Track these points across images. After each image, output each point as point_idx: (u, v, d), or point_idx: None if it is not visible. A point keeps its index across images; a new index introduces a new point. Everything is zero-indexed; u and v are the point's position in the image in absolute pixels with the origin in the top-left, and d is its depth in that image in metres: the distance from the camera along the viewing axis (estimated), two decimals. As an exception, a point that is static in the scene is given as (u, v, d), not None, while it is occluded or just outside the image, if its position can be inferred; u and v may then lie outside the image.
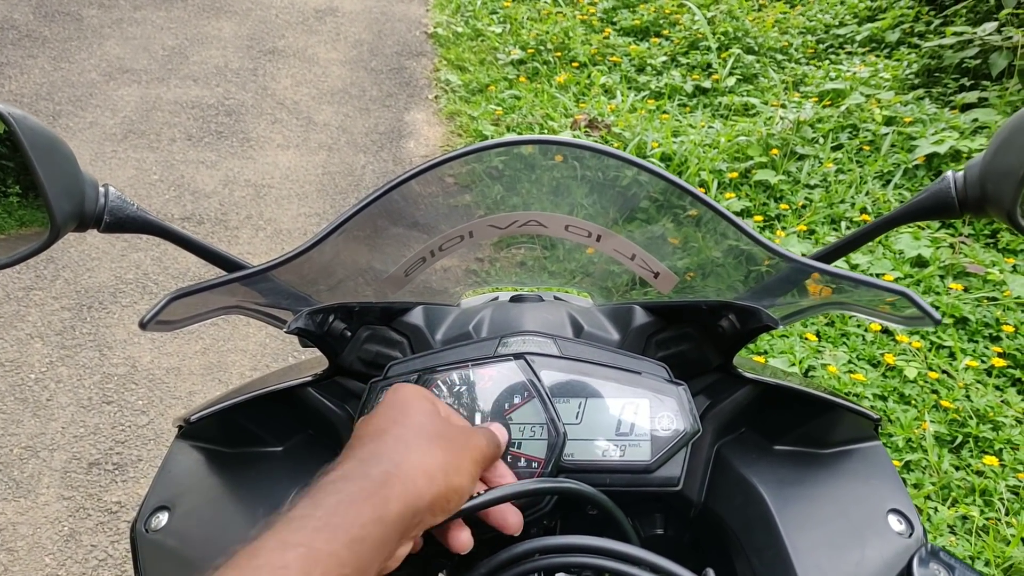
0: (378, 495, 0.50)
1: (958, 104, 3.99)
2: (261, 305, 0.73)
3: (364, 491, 0.50)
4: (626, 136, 3.92)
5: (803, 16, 5.59)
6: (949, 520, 2.10)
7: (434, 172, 0.67)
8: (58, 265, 3.09)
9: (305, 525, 0.47)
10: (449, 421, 0.62)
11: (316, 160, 3.99)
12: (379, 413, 0.60)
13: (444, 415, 0.63)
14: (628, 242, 0.76)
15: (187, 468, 0.83)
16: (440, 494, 0.54)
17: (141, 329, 0.60)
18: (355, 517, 0.48)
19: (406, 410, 0.60)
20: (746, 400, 0.80)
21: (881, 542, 0.72)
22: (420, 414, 0.60)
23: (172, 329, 0.66)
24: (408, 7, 6.04)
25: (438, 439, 0.57)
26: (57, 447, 2.40)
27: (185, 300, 0.62)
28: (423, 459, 0.55)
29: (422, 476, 0.53)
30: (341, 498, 0.49)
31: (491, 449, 0.64)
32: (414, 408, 0.60)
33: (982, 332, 2.72)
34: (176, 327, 0.65)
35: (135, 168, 3.74)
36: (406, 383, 0.67)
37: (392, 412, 0.59)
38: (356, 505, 0.49)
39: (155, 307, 0.60)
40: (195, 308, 0.66)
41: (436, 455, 0.56)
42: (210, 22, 5.32)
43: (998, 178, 0.63)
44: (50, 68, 4.51)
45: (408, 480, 0.52)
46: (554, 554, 0.63)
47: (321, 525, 0.47)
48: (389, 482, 0.51)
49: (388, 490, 0.51)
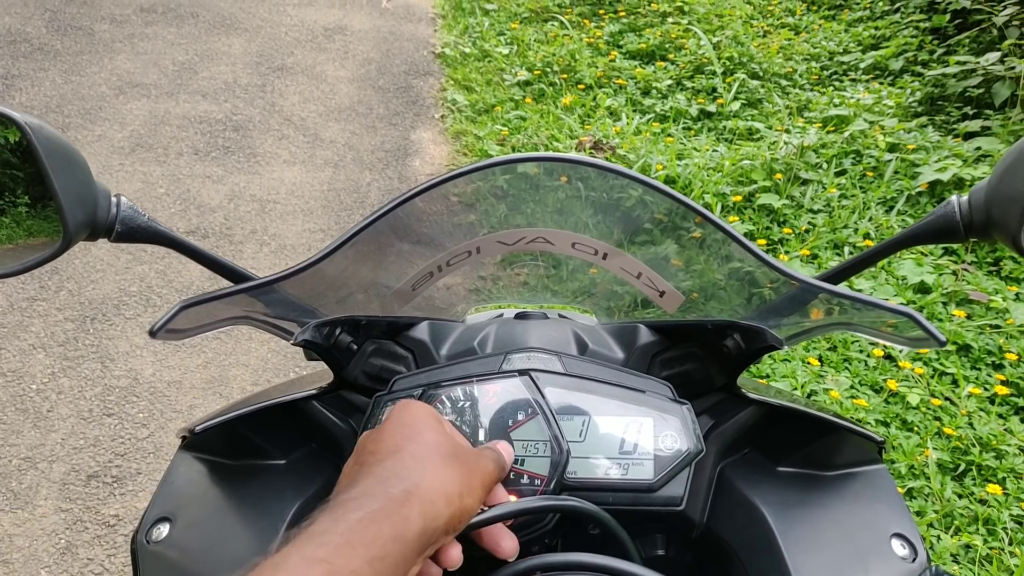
0: (398, 513, 0.51)
1: (961, 132, 4.00)
2: (268, 317, 0.73)
3: (385, 510, 0.51)
4: (631, 158, 3.94)
5: (807, 43, 5.63)
6: (952, 549, 2.09)
7: (440, 190, 0.68)
8: (62, 276, 3.10)
9: (328, 541, 0.47)
10: (459, 442, 0.63)
11: (322, 176, 4.01)
12: (389, 430, 0.60)
13: (450, 434, 0.63)
14: (634, 260, 0.76)
15: (190, 479, 0.83)
16: (455, 514, 0.55)
17: (151, 337, 0.60)
18: (376, 535, 0.49)
19: (417, 427, 0.60)
20: (750, 421, 0.80)
21: (884, 566, 0.71)
22: (432, 432, 0.60)
23: (181, 338, 0.66)
24: (416, 27, 6.10)
25: (452, 459, 0.58)
26: (56, 458, 2.39)
27: (195, 309, 0.62)
28: (440, 479, 0.55)
29: (440, 496, 0.54)
30: (362, 516, 0.50)
31: (497, 471, 0.64)
32: (424, 426, 0.60)
33: (985, 360, 2.71)
34: (185, 336, 0.66)
35: (142, 181, 3.76)
36: (412, 400, 0.67)
37: (404, 430, 0.60)
38: (377, 523, 0.50)
39: (165, 315, 0.60)
40: (204, 318, 0.66)
41: (452, 475, 0.56)
42: (220, 39, 5.37)
43: (1004, 203, 0.63)
44: (61, 81, 4.55)
45: (427, 499, 0.53)
46: (555, 571, 0.63)
47: (343, 542, 0.47)
48: (409, 501, 0.52)
49: (408, 509, 0.51)
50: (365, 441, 0.60)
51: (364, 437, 0.62)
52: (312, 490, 0.81)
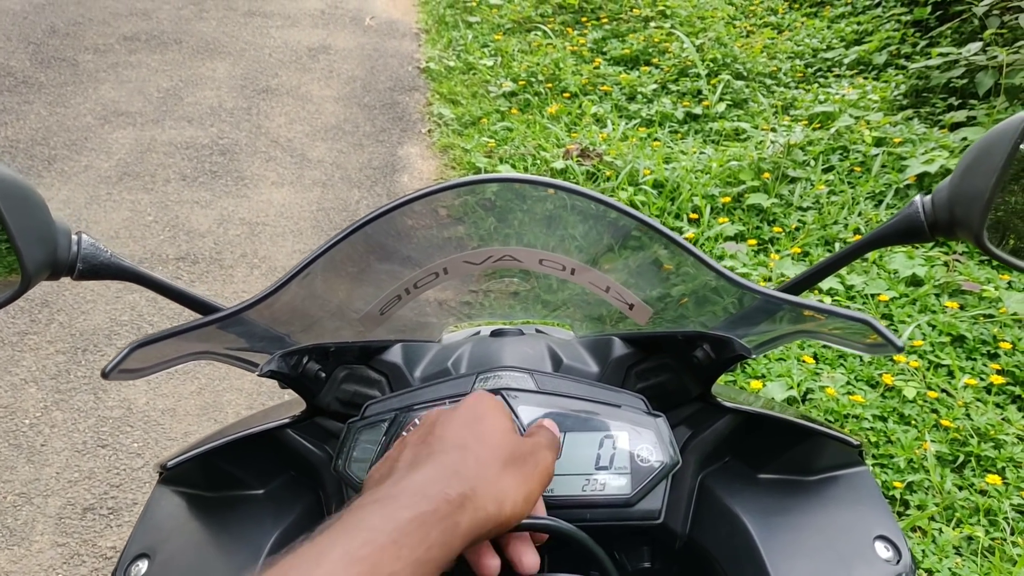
0: (451, 519, 0.50)
1: (947, 123, 4.01)
2: (233, 349, 0.72)
3: (439, 512, 0.49)
4: (618, 164, 3.94)
5: (791, 41, 5.65)
6: (954, 541, 2.08)
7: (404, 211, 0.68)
8: (52, 309, 3.10)
9: (374, 540, 0.46)
10: (521, 439, 0.62)
11: (310, 196, 4.01)
12: (461, 420, 0.59)
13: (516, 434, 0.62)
14: (602, 275, 0.76)
15: (168, 514, 0.82)
16: (504, 521, 0.54)
17: (103, 378, 0.59)
18: (424, 538, 0.47)
19: (487, 425, 0.59)
20: (728, 429, 0.80)
21: (868, 570, 0.71)
22: (499, 434, 0.59)
23: (137, 377, 0.65)
24: (400, 43, 6.11)
25: (513, 462, 0.57)
26: (51, 493, 2.38)
27: (151, 347, 0.62)
28: (498, 485, 0.54)
29: (493, 502, 0.53)
30: (414, 515, 0.48)
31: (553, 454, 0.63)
32: (494, 426, 0.59)
33: (980, 350, 2.71)
34: (141, 375, 0.65)
35: (130, 210, 3.76)
36: (486, 393, 0.66)
37: (475, 425, 0.59)
38: (427, 526, 0.48)
39: (118, 356, 0.59)
40: (161, 355, 0.65)
41: (510, 481, 0.56)
42: (204, 63, 5.38)
43: (966, 201, 0.63)
44: (46, 113, 4.56)
45: (480, 506, 0.52)
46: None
47: (390, 542, 0.46)
48: (464, 506, 0.51)
49: (461, 514, 0.50)
50: (436, 421, 0.59)
51: (437, 415, 0.61)
52: (292, 518, 0.81)
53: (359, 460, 0.75)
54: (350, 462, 0.75)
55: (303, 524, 0.80)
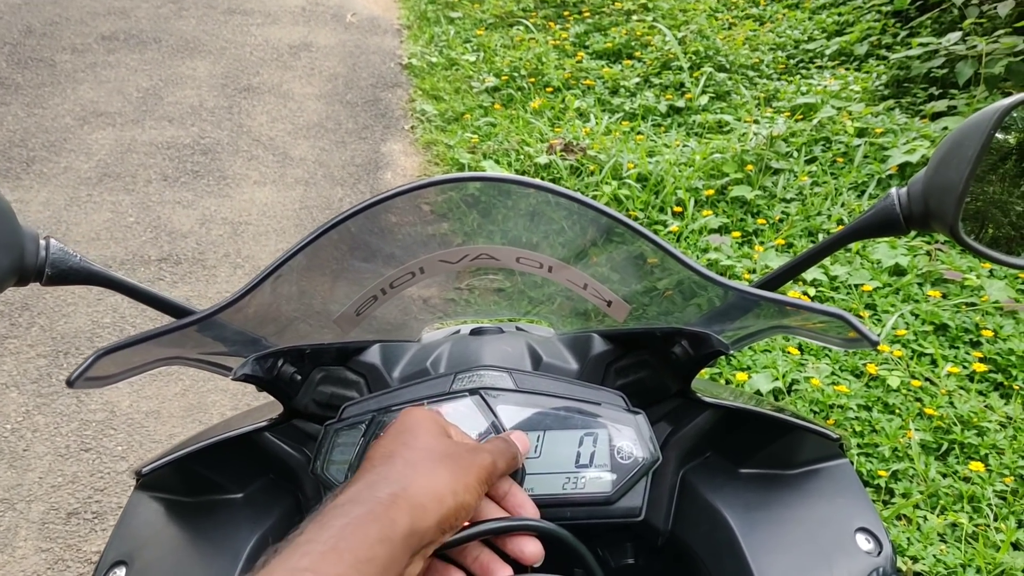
0: (385, 516, 0.51)
1: (928, 113, 4.04)
2: (205, 353, 0.71)
3: (371, 513, 0.50)
4: (602, 158, 3.94)
5: (772, 33, 5.66)
6: (939, 528, 2.09)
7: (382, 209, 0.67)
8: (33, 312, 3.06)
9: (312, 550, 0.47)
10: (456, 441, 0.63)
11: (293, 195, 3.98)
12: (389, 436, 0.61)
13: (455, 437, 0.64)
14: (579, 272, 0.75)
15: (145, 520, 0.81)
16: (448, 513, 0.55)
17: (68, 387, 0.58)
18: (362, 539, 0.49)
19: (415, 433, 0.61)
20: (708, 425, 0.79)
21: (849, 562, 0.71)
22: (428, 436, 0.60)
23: (105, 385, 0.64)
24: (382, 39, 6.08)
25: (444, 459, 0.58)
26: (35, 498, 2.36)
27: (117, 354, 0.61)
28: (430, 480, 0.55)
29: (428, 496, 0.54)
30: (348, 521, 0.50)
31: (503, 462, 0.64)
32: (423, 430, 0.61)
33: (962, 338, 2.72)
34: (109, 382, 0.64)
35: (111, 211, 3.73)
36: (416, 407, 0.67)
37: (401, 436, 0.60)
38: (363, 527, 0.49)
39: (83, 364, 0.58)
40: (130, 362, 0.64)
41: (443, 475, 0.56)
42: (184, 62, 5.34)
43: (939, 194, 0.63)
44: (24, 115, 4.50)
45: (415, 501, 0.53)
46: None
47: (327, 549, 0.47)
48: (396, 503, 0.52)
49: (395, 511, 0.51)
50: (368, 450, 0.61)
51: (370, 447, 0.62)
52: (270, 522, 0.80)
53: (337, 462, 0.74)
54: (328, 464, 0.74)
55: (282, 528, 0.79)
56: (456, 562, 0.63)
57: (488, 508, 0.65)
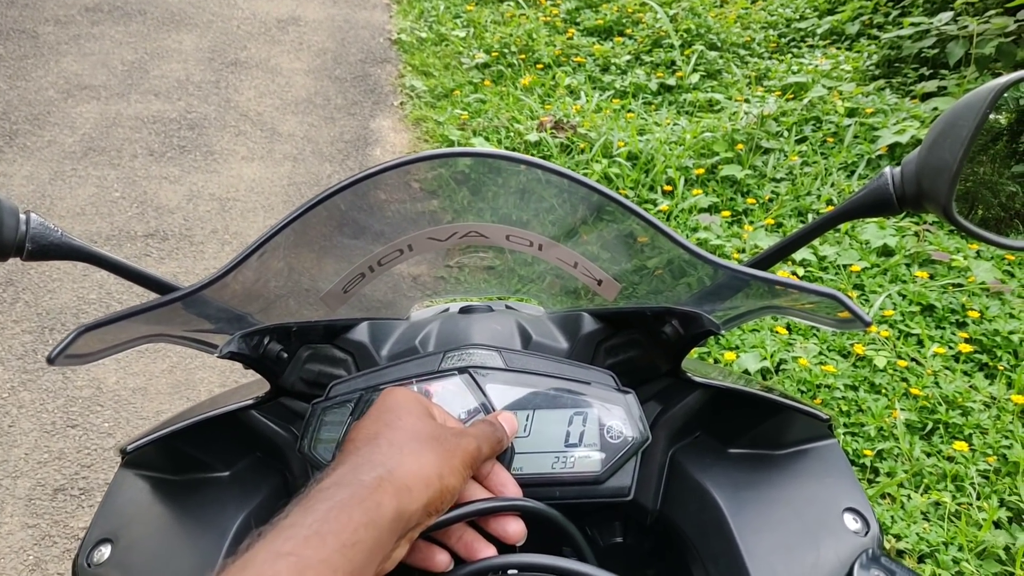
0: (370, 499, 0.50)
1: (918, 93, 4.03)
2: (191, 330, 0.70)
3: (356, 496, 0.50)
4: (592, 136, 3.92)
5: (764, 11, 5.63)
6: (922, 507, 2.11)
7: (371, 183, 0.66)
8: (18, 288, 3.03)
9: (296, 534, 0.47)
10: (441, 424, 0.63)
11: (281, 171, 3.95)
12: (372, 417, 0.61)
13: (438, 418, 0.64)
14: (569, 250, 0.75)
15: (131, 498, 0.81)
16: (434, 497, 0.55)
17: (49, 364, 0.57)
18: (346, 522, 0.48)
19: (399, 413, 0.60)
20: (698, 404, 0.79)
21: (836, 542, 0.71)
22: (412, 417, 0.60)
23: (86, 362, 0.63)
24: (371, 14, 6.01)
25: (430, 441, 0.58)
26: (20, 474, 2.35)
27: (99, 331, 0.60)
28: (416, 462, 0.55)
29: (415, 479, 0.54)
30: (332, 504, 0.49)
31: (488, 446, 0.64)
32: (406, 411, 0.61)
33: (949, 319, 2.74)
34: (91, 360, 0.63)
35: (96, 186, 3.68)
36: (398, 387, 0.67)
37: (385, 416, 0.60)
38: (348, 510, 0.49)
39: (64, 340, 0.57)
40: (112, 339, 0.63)
41: (428, 458, 0.56)
42: (170, 35, 5.26)
43: (933, 173, 0.62)
44: (5, 87, 4.43)
45: (400, 484, 0.53)
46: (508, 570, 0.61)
47: (311, 533, 0.47)
48: (382, 486, 0.52)
49: (380, 494, 0.51)
50: (350, 431, 0.61)
51: (352, 427, 0.62)
52: (257, 500, 0.79)
53: (324, 441, 0.74)
54: (316, 443, 0.74)
55: (269, 506, 0.79)
56: (440, 542, 0.63)
57: (471, 488, 0.64)
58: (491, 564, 0.61)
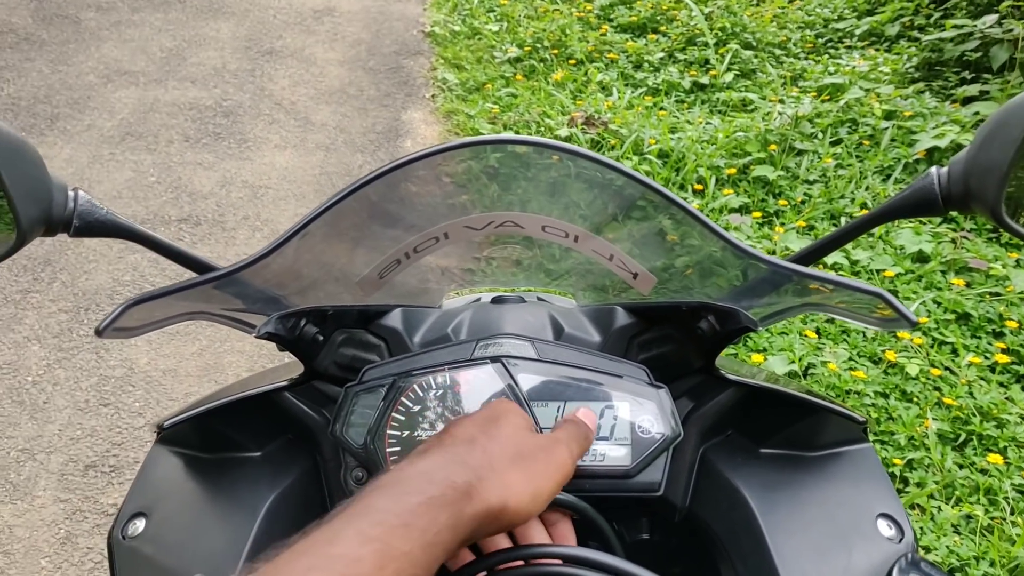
0: (457, 504, 0.51)
1: (959, 97, 3.96)
2: (229, 310, 0.71)
3: (445, 497, 0.51)
4: (623, 133, 3.90)
5: (802, 11, 5.56)
6: (953, 519, 2.08)
7: (405, 173, 0.66)
8: (55, 268, 3.09)
9: (385, 521, 0.47)
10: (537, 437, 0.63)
11: (313, 160, 3.98)
12: (474, 420, 0.61)
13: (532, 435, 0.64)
14: (606, 243, 0.74)
15: (165, 474, 0.82)
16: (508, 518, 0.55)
17: (97, 336, 0.58)
18: (432, 520, 0.49)
19: (500, 424, 0.61)
20: (730, 402, 0.79)
21: (869, 547, 0.70)
22: (510, 429, 0.61)
23: (131, 336, 0.64)
24: (406, 6, 6.03)
25: (521, 459, 0.58)
26: (54, 449, 2.39)
27: (145, 306, 0.60)
28: (503, 478, 0.56)
29: (497, 496, 0.54)
30: (422, 500, 0.50)
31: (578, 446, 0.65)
32: (506, 423, 0.61)
33: (985, 328, 2.69)
34: (135, 333, 0.64)
35: (132, 170, 3.74)
36: (506, 399, 0.67)
37: (486, 423, 0.61)
38: (435, 510, 0.50)
39: (112, 313, 0.58)
40: (156, 314, 0.64)
41: (516, 477, 0.57)
42: (208, 23, 5.32)
43: (982, 173, 0.61)
44: (48, 71, 4.51)
45: (484, 497, 0.53)
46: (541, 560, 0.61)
47: (399, 524, 0.47)
48: (470, 493, 0.52)
49: (466, 501, 0.52)
50: (451, 423, 0.62)
51: (458, 419, 0.63)
52: (288, 482, 0.80)
53: (356, 425, 0.74)
54: (347, 427, 0.74)
55: (300, 488, 0.80)
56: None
57: None
58: (531, 552, 0.61)
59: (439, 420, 0.73)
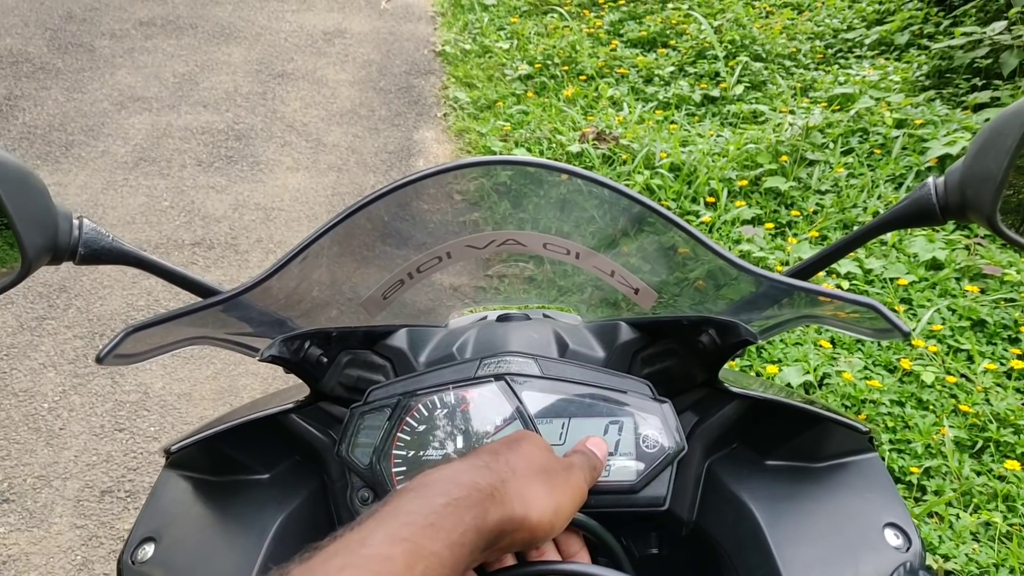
0: (481, 505, 0.52)
1: (970, 104, 3.94)
2: (233, 333, 0.72)
3: (470, 499, 0.52)
4: (634, 148, 3.91)
5: (811, 21, 5.56)
6: (972, 527, 2.05)
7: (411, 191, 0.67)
8: (70, 294, 3.12)
9: (413, 522, 0.48)
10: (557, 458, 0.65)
11: (326, 181, 4.01)
12: (500, 440, 0.63)
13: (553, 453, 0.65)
14: (606, 259, 0.75)
15: (174, 498, 0.83)
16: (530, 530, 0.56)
17: (98, 364, 0.59)
18: (458, 522, 0.50)
19: (520, 442, 0.62)
20: (735, 415, 0.78)
21: (877, 558, 0.70)
22: (533, 447, 0.62)
23: (133, 362, 0.65)
24: (416, 26, 6.08)
25: (543, 473, 0.60)
26: (70, 476, 2.41)
27: (146, 332, 0.61)
28: (525, 487, 0.57)
29: (520, 503, 0.56)
30: (448, 501, 0.51)
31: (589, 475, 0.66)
32: (527, 443, 0.63)
33: (1000, 334, 2.67)
34: (137, 360, 0.65)
35: (146, 195, 3.78)
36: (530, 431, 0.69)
37: (509, 442, 0.62)
38: (461, 511, 0.51)
39: (112, 340, 0.59)
40: (158, 340, 0.65)
41: (538, 489, 0.58)
42: (220, 48, 5.39)
43: (977, 183, 0.61)
44: (63, 99, 4.58)
45: (507, 502, 0.55)
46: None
47: (427, 524, 0.49)
48: (494, 496, 0.54)
49: (490, 503, 0.53)
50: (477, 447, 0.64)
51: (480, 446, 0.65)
52: (296, 503, 0.80)
53: (363, 445, 0.75)
54: (354, 447, 0.75)
55: (307, 509, 0.80)
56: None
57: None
58: (539, 570, 0.61)
59: (445, 439, 0.73)
